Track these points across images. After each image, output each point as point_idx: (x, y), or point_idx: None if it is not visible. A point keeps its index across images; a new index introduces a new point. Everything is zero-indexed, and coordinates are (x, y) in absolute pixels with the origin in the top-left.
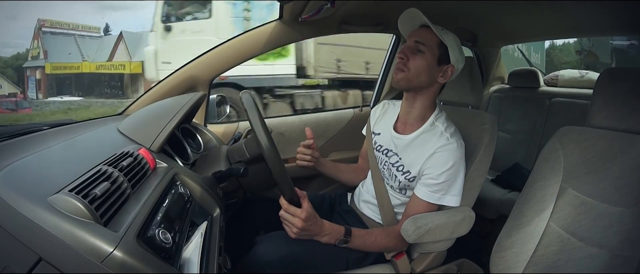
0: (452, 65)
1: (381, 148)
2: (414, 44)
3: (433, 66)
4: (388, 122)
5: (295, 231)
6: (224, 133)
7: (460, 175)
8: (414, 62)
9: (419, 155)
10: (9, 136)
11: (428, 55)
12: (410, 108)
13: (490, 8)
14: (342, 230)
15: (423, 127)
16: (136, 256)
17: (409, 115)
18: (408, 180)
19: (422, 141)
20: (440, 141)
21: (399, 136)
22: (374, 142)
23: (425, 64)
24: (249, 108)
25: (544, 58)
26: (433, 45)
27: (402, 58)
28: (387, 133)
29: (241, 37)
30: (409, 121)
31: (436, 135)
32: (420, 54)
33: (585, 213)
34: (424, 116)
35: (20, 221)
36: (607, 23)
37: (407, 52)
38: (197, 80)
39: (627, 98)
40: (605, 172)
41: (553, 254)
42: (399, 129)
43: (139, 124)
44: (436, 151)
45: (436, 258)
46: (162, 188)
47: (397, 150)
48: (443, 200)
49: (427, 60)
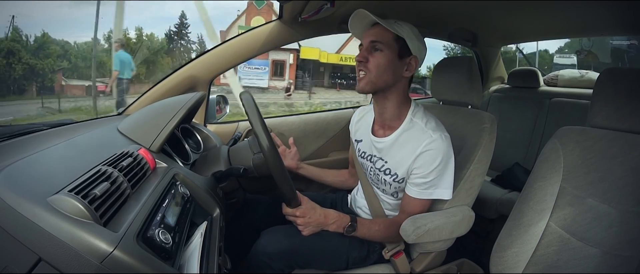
0: (414, 55)
1: (365, 154)
2: (369, 44)
3: (394, 61)
4: (366, 128)
5: (301, 228)
6: (224, 133)
7: (449, 167)
8: (374, 60)
9: (404, 155)
10: (9, 136)
11: (387, 52)
12: (382, 109)
13: (490, 8)
14: (348, 218)
15: (402, 126)
16: (136, 256)
17: (384, 116)
18: (397, 182)
19: (404, 141)
20: (424, 138)
21: (379, 140)
22: (358, 150)
23: (386, 61)
24: (249, 109)
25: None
26: (389, 40)
27: (361, 60)
28: (367, 138)
29: (241, 37)
30: (385, 123)
31: (418, 131)
32: (378, 52)
33: (585, 213)
34: (399, 114)
35: (20, 221)
36: (607, 23)
37: (364, 53)
38: (196, 80)
39: (627, 98)
40: (606, 172)
41: (553, 254)
42: (377, 133)
43: (139, 124)
44: (423, 151)
45: (436, 257)
46: (162, 188)
47: (381, 155)
48: (435, 194)
49: (386, 57)
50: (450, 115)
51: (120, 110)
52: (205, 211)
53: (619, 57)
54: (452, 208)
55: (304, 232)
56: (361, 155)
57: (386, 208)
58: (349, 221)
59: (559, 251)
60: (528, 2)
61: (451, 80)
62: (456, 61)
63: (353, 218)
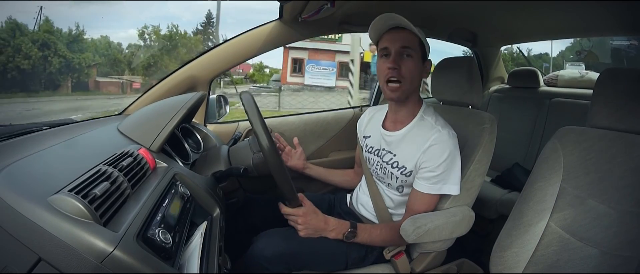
0: (429, 59)
1: (372, 149)
2: (400, 49)
3: (420, 66)
4: (376, 124)
5: (299, 228)
6: (224, 133)
7: (457, 163)
8: (406, 67)
9: (413, 149)
10: (9, 136)
11: (415, 57)
12: (399, 108)
13: (490, 8)
14: (347, 225)
15: (413, 121)
16: (136, 256)
17: (398, 113)
18: (405, 175)
19: (414, 135)
20: (433, 133)
21: (389, 133)
22: (365, 145)
23: (415, 66)
24: (249, 108)
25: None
26: (416, 46)
27: (395, 67)
28: (377, 133)
29: (241, 37)
30: (398, 119)
31: (427, 127)
32: (410, 58)
33: (585, 214)
34: (412, 112)
35: (20, 221)
36: (607, 23)
37: (395, 59)
38: (196, 80)
39: (627, 98)
40: (605, 172)
41: (553, 254)
42: (388, 127)
43: (139, 124)
44: (431, 144)
45: (436, 258)
46: (162, 188)
47: (390, 148)
48: (443, 189)
49: (415, 62)
50: (450, 115)
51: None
52: (205, 211)
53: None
54: (452, 208)
55: (302, 233)
56: (368, 150)
57: (389, 206)
58: (349, 228)
59: (559, 251)
60: (528, 2)
61: (451, 81)
62: (456, 61)
63: (353, 224)
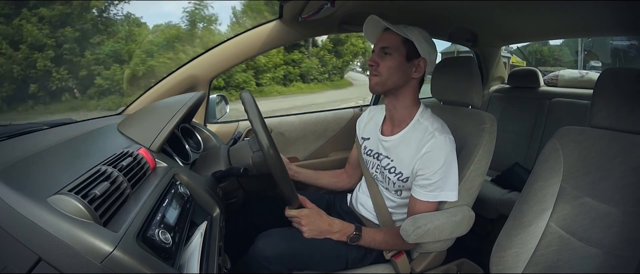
0: (423, 57)
1: (371, 152)
2: (379, 49)
3: (403, 64)
4: (375, 127)
5: (304, 230)
6: (224, 133)
7: (453, 169)
8: (384, 64)
9: (409, 155)
10: (9, 136)
11: (395, 55)
12: (393, 109)
13: (490, 8)
14: (352, 228)
15: (409, 126)
16: (136, 256)
17: (394, 116)
18: (402, 181)
19: (410, 140)
20: (429, 139)
21: (386, 138)
22: (364, 147)
23: (395, 64)
24: (249, 108)
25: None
26: (398, 44)
27: (373, 65)
28: (375, 136)
29: (241, 36)
30: (394, 122)
31: (423, 132)
32: (388, 56)
33: (585, 213)
34: (408, 115)
35: (19, 221)
36: (607, 23)
37: (375, 58)
38: (196, 80)
39: (627, 98)
40: (606, 172)
41: (553, 254)
42: (385, 131)
43: (139, 124)
44: (426, 151)
45: (436, 257)
46: (162, 188)
47: (388, 153)
48: (441, 196)
49: (395, 60)
50: (450, 115)
51: (120, 110)
52: (205, 211)
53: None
54: (452, 208)
55: (306, 235)
56: (367, 153)
57: (390, 206)
58: (354, 231)
59: (559, 251)
60: (528, 2)
61: (451, 80)
62: (456, 61)
63: (358, 227)
